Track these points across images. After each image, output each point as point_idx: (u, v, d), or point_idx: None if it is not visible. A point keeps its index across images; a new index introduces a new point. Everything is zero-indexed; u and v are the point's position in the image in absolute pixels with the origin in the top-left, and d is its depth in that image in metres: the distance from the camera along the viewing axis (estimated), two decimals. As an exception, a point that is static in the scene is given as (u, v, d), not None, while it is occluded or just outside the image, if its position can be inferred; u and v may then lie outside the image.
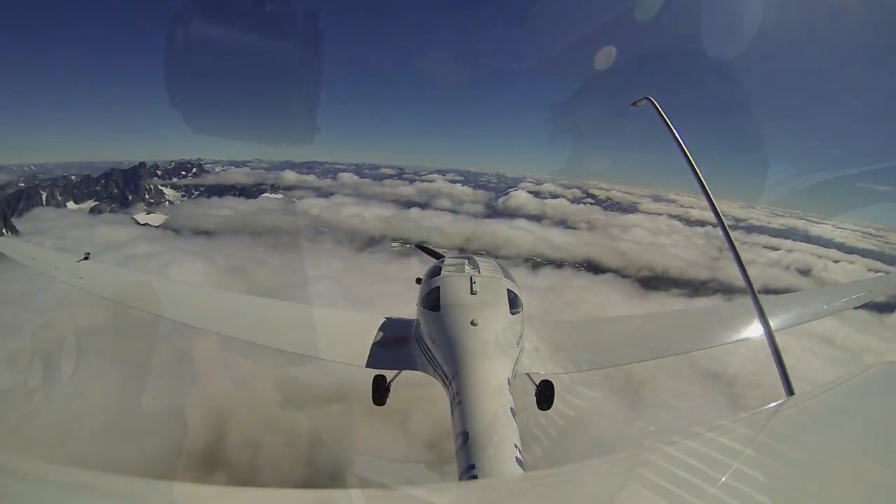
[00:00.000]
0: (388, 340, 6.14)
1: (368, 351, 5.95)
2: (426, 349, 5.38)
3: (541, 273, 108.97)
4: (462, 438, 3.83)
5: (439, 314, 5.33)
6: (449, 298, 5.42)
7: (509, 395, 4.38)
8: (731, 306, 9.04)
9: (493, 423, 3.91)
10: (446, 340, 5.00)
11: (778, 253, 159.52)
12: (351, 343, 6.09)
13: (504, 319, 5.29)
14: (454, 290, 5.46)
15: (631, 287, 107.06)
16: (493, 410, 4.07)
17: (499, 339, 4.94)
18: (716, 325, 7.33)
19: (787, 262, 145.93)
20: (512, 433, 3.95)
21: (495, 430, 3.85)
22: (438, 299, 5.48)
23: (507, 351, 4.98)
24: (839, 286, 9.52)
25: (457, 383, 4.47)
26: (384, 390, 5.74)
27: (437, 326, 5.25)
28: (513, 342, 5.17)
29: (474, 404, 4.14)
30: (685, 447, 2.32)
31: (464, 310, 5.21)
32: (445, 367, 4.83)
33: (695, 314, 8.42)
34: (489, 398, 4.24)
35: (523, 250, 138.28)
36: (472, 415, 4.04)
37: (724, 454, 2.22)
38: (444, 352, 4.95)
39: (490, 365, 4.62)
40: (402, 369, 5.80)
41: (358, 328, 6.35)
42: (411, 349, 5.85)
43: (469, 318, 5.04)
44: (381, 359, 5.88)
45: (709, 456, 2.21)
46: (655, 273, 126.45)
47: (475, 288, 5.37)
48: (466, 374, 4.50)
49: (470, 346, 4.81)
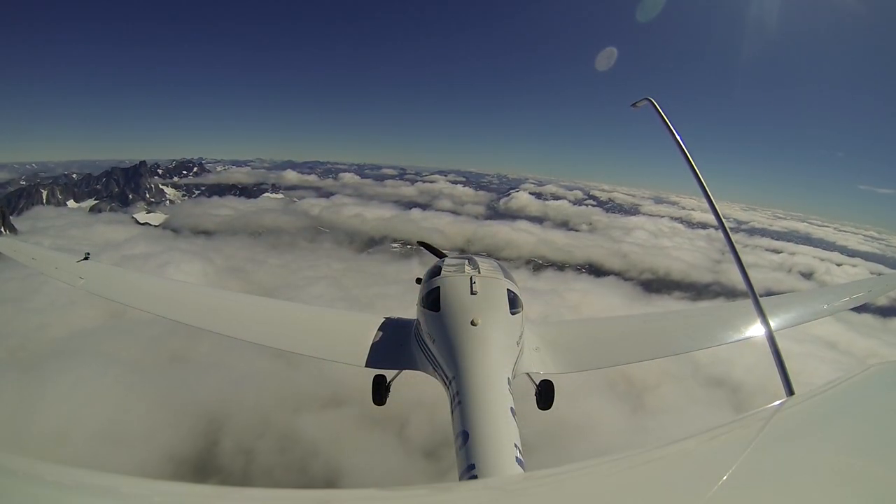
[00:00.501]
0: (388, 340, 6.10)
1: (368, 351, 5.89)
2: (426, 349, 5.37)
3: (542, 275, 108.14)
4: (462, 438, 3.83)
5: (439, 314, 5.29)
6: (449, 298, 5.39)
7: (509, 394, 4.35)
8: (731, 306, 8.61)
9: (493, 422, 3.93)
10: (446, 340, 5.00)
11: (780, 256, 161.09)
12: (351, 343, 6.02)
13: (504, 319, 5.26)
14: (454, 290, 5.46)
15: (633, 290, 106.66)
16: (494, 410, 4.08)
17: (499, 339, 4.95)
18: (716, 325, 7.31)
19: (790, 266, 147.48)
20: (512, 433, 3.89)
21: (495, 430, 3.87)
22: (438, 299, 5.44)
23: (507, 351, 4.99)
24: (839, 286, 10.61)
25: (457, 383, 4.49)
26: (384, 390, 5.73)
27: (437, 326, 5.23)
28: (513, 342, 5.16)
29: (474, 404, 4.15)
30: (685, 447, 2.34)
31: (464, 310, 5.17)
32: (445, 367, 4.83)
33: (695, 314, 8.31)
34: (489, 398, 4.23)
35: (525, 252, 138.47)
36: (472, 415, 4.04)
37: (724, 454, 2.24)
38: (444, 352, 4.96)
39: (490, 365, 4.62)
40: (402, 369, 5.78)
41: (358, 328, 6.28)
42: (411, 349, 5.84)
43: (469, 318, 5.01)
44: (380, 359, 5.84)
45: (709, 456, 2.26)
46: (658, 276, 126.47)
47: (475, 288, 5.38)
48: (466, 373, 4.52)
49: (470, 346, 4.81)
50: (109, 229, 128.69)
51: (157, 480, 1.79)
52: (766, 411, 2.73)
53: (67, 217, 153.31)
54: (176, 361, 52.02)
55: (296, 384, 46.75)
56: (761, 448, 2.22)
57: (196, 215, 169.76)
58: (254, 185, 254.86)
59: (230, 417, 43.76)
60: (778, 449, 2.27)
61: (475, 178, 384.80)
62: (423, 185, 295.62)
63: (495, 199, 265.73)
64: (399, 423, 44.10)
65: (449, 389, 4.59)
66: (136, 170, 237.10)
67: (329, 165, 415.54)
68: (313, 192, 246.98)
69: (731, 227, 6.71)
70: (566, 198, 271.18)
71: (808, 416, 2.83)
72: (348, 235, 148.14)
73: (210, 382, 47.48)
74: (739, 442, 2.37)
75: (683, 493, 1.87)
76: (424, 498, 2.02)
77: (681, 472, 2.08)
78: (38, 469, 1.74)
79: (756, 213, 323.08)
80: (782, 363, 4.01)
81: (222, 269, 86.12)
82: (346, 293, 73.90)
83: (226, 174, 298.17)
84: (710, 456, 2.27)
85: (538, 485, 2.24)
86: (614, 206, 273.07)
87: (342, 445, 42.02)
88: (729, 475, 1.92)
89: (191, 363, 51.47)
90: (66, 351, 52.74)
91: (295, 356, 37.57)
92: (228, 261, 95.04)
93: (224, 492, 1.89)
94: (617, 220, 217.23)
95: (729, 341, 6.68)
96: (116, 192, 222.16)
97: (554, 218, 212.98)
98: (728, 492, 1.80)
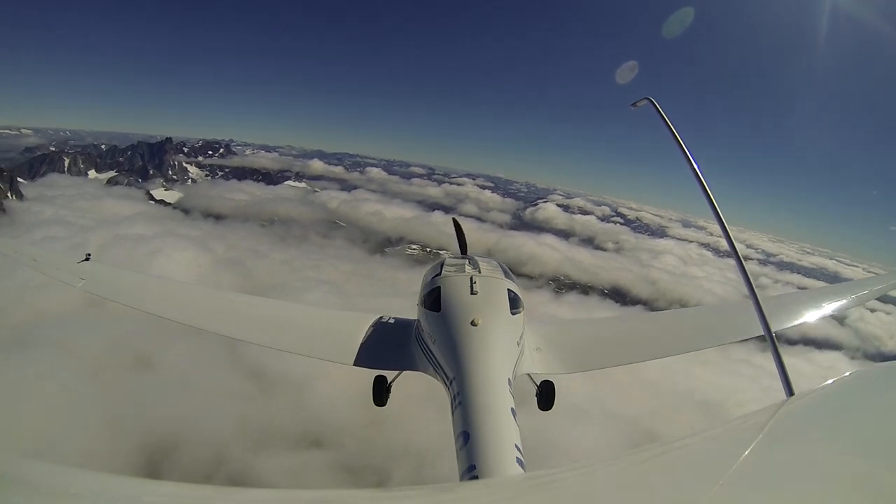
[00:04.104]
0: (389, 341, 6.02)
1: (369, 351, 5.84)
2: (427, 349, 5.35)
3: (564, 299, 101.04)
4: (463, 439, 3.88)
5: (440, 314, 5.22)
6: (449, 298, 5.32)
7: (510, 395, 4.37)
8: (731, 306, 8.99)
9: (493, 423, 3.95)
10: (447, 341, 4.99)
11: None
12: (351, 343, 5.87)
13: (505, 319, 5.20)
14: (454, 290, 5.39)
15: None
16: (494, 411, 4.09)
17: (499, 340, 4.94)
18: (716, 325, 7.52)
19: None
20: (513, 433, 3.90)
21: (496, 431, 3.88)
22: (439, 299, 5.34)
23: (508, 351, 4.97)
24: (839, 286, 9.49)
25: (457, 383, 4.51)
26: (385, 391, 5.74)
27: (437, 327, 5.18)
28: (513, 342, 5.12)
29: (475, 405, 4.18)
30: (685, 447, 2.41)
31: (464, 310, 5.12)
32: (446, 367, 4.87)
33: (695, 314, 8.78)
34: (490, 398, 4.25)
35: (548, 269, 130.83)
36: (472, 415, 4.06)
37: (724, 454, 2.28)
38: (444, 352, 4.97)
39: (491, 365, 4.64)
40: (403, 370, 5.73)
41: (358, 329, 6.12)
42: (412, 349, 5.76)
43: (469, 318, 4.99)
44: (381, 359, 5.81)
45: (709, 456, 2.30)
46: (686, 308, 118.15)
47: (475, 288, 5.34)
48: (467, 374, 4.53)
49: (470, 346, 4.81)
50: (118, 204, 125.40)
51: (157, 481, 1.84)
52: (766, 411, 2.74)
53: (80, 187, 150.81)
54: (139, 367, 46.11)
55: (266, 414, 40.29)
56: (761, 448, 2.26)
57: (211, 197, 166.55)
58: (277, 172, 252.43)
59: (179, 448, 37.42)
60: (778, 449, 2.29)
61: (504, 184, 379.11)
62: (450, 187, 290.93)
63: (522, 207, 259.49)
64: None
65: (449, 390, 4.65)
66: (162, 146, 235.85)
67: (358, 158, 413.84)
68: (336, 185, 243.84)
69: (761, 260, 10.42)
70: (594, 213, 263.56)
71: (808, 417, 2.87)
72: (363, 233, 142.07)
73: (169, 400, 41.56)
74: (739, 442, 2.40)
75: (683, 493, 1.89)
76: (425, 498, 2.05)
77: (681, 472, 2.11)
78: (38, 469, 1.76)
79: (784, 246, 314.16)
80: (782, 363, 3.86)
81: (219, 261, 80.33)
82: (347, 302, 67.48)
83: (252, 158, 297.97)
84: (710, 456, 2.29)
85: (539, 485, 2.30)
86: (641, 227, 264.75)
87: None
88: (729, 475, 1.96)
89: (154, 371, 45.62)
90: (26, 340, 47.62)
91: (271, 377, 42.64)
92: (229, 251, 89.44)
93: (224, 492, 1.92)
94: (644, 241, 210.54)
95: (729, 341, 7.01)
96: (139, 166, 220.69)
97: (580, 233, 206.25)
98: (728, 492, 1.82)
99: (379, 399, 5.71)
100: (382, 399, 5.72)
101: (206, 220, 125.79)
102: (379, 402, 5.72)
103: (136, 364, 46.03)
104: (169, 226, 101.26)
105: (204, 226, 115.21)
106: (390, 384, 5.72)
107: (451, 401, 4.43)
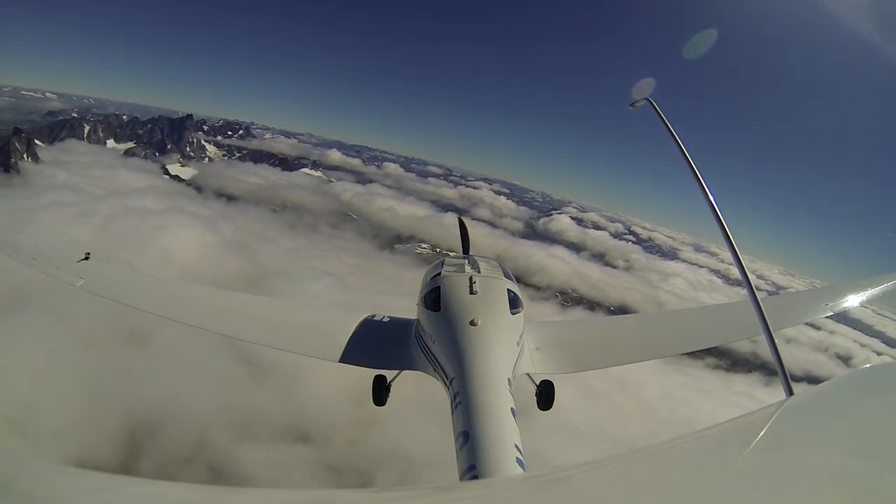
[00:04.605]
0: (389, 340, 6.05)
1: (368, 351, 5.90)
2: (426, 349, 5.39)
3: (570, 313, 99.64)
4: (462, 439, 3.89)
5: (439, 314, 5.25)
6: (449, 298, 5.35)
7: (510, 395, 4.39)
8: (731, 306, 8.16)
9: (493, 423, 3.97)
10: (446, 340, 5.02)
11: (820, 333, 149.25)
12: (351, 343, 5.90)
13: (504, 319, 5.23)
14: (454, 290, 5.43)
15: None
16: (494, 411, 4.12)
17: (499, 339, 4.96)
18: (716, 325, 7.46)
19: (828, 345, 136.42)
20: (512, 433, 3.92)
21: (496, 431, 3.89)
22: (438, 299, 5.38)
23: (508, 351, 4.99)
24: (839, 286, 8.81)
25: (457, 383, 4.53)
26: (384, 390, 5.73)
27: (437, 326, 5.22)
28: (513, 342, 5.14)
29: (475, 404, 4.20)
30: (685, 447, 2.40)
31: (464, 310, 5.15)
32: (446, 367, 4.89)
33: (695, 314, 8.48)
34: (489, 398, 4.27)
35: (556, 282, 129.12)
36: (472, 415, 4.08)
37: (724, 454, 2.29)
38: (444, 352, 5.00)
39: (490, 365, 4.66)
40: (403, 369, 5.75)
41: (358, 328, 6.14)
42: (411, 349, 5.79)
43: (469, 317, 5.02)
44: (381, 359, 5.86)
45: (709, 456, 2.29)
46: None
47: (475, 288, 5.37)
48: (467, 374, 4.55)
49: (470, 346, 4.83)
50: (132, 175, 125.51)
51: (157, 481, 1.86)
52: (766, 411, 2.72)
53: (97, 155, 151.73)
54: (132, 342, 45.16)
55: (254, 402, 39.31)
56: (761, 448, 2.27)
57: (225, 177, 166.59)
58: (294, 159, 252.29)
59: (163, 427, 36.57)
60: (777, 449, 2.28)
61: (519, 191, 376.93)
62: (466, 190, 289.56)
63: (536, 217, 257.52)
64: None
65: (449, 390, 4.67)
66: (182, 122, 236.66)
67: (376, 153, 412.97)
68: (352, 177, 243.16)
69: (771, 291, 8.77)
70: (607, 229, 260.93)
71: (808, 417, 2.86)
72: (374, 228, 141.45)
73: (159, 378, 40.75)
74: (739, 442, 2.40)
75: (684, 493, 1.89)
76: (425, 498, 2.06)
77: (681, 472, 2.09)
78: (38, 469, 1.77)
79: (794, 280, 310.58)
80: (782, 363, 3.91)
81: (226, 242, 79.54)
82: (349, 296, 66.32)
83: (270, 142, 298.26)
84: (710, 456, 2.28)
85: (539, 485, 2.30)
86: (653, 247, 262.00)
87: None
88: (729, 475, 1.97)
89: (148, 349, 44.61)
90: (20, 304, 46.44)
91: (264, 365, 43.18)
92: (237, 233, 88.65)
93: (224, 492, 1.92)
94: (655, 262, 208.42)
95: (729, 341, 7.03)
96: (157, 139, 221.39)
97: (592, 248, 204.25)
98: (728, 492, 1.84)
99: (378, 399, 5.72)
100: (382, 399, 5.72)
101: (218, 200, 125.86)
102: (378, 402, 5.73)
103: (130, 338, 45.21)
104: (180, 202, 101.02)
105: (215, 205, 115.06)
106: (390, 384, 5.73)
107: (450, 401, 4.44)
